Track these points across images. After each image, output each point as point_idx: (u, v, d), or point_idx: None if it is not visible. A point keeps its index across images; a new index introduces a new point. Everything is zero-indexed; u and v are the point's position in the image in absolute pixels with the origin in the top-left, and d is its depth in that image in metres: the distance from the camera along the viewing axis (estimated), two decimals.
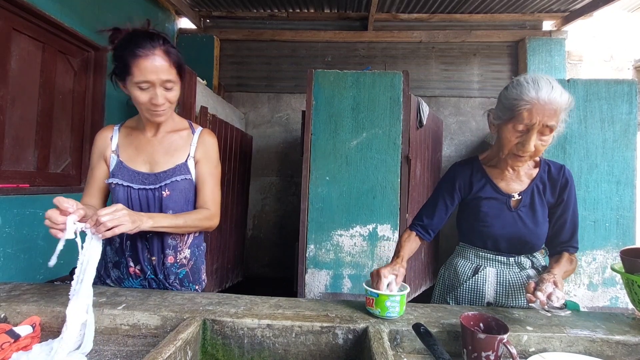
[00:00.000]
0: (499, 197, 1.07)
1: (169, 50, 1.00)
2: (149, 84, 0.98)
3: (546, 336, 0.83)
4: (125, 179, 1.08)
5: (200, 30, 4.14)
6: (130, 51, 0.95)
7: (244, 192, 3.74)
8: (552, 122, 0.91)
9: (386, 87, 2.42)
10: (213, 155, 1.16)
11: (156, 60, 0.97)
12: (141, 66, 0.95)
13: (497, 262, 1.10)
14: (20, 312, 0.88)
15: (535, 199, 1.06)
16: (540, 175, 1.07)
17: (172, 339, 0.72)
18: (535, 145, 0.94)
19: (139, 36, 0.98)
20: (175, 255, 1.13)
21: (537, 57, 3.81)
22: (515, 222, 1.05)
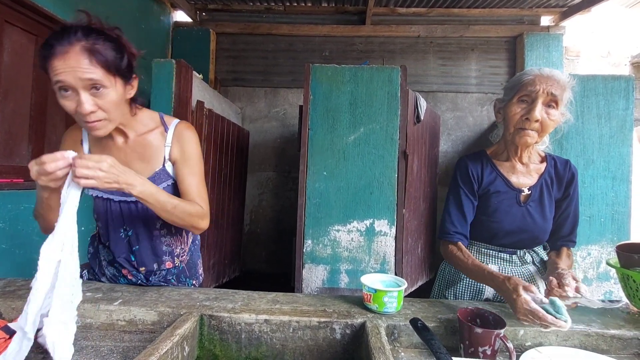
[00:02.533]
0: (509, 192, 1.06)
1: (93, 47, 0.80)
2: (68, 88, 0.80)
3: (542, 331, 0.84)
4: (104, 190, 0.98)
5: (196, 24, 4.09)
6: (44, 50, 0.80)
7: (241, 187, 3.72)
8: (556, 92, 0.93)
9: (384, 82, 2.41)
10: (192, 151, 1.03)
11: (71, 58, 0.78)
12: (55, 66, 0.78)
13: (499, 259, 1.10)
14: (15, 308, 0.87)
15: (544, 193, 1.05)
16: (548, 170, 1.07)
17: (169, 334, 0.71)
18: (542, 118, 0.94)
19: (55, 32, 0.81)
20: (174, 261, 1.10)
21: (535, 52, 3.80)
22: (524, 217, 1.04)
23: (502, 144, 1.09)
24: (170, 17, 3.98)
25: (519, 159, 1.08)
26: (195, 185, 1.02)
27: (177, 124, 1.04)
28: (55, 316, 0.68)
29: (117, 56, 0.84)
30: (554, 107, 0.96)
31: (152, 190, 0.87)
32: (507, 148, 1.07)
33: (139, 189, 0.84)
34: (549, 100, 0.95)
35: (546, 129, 0.97)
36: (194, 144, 1.04)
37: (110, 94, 0.84)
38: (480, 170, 1.09)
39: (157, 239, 1.06)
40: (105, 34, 0.84)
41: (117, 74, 0.85)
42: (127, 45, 0.89)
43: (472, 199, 1.08)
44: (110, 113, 0.85)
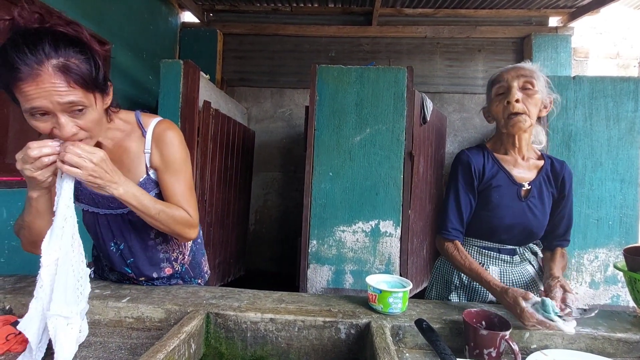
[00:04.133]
0: (511, 186, 1.05)
1: (67, 63, 0.68)
2: (42, 110, 0.69)
3: (548, 333, 0.84)
4: (90, 203, 0.92)
5: (204, 24, 4.12)
6: (7, 74, 0.66)
7: (246, 187, 3.74)
8: (529, 77, 0.99)
9: (390, 83, 2.41)
10: (174, 155, 0.92)
11: (45, 81, 0.66)
12: (24, 91, 0.67)
13: (500, 261, 1.09)
14: (25, 304, 0.88)
15: (543, 189, 1.06)
16: (545, 167, 1.08)
17: (176, 332, 0.72)
18: (522, 98, 0.98)
19: (15, 46, 0.66)
20: (173, 266, 1.06)
21: (543, 53, 3.77)
22: (524, 213, 1.04)
23: (499, 139, 1.10)
24: (178, 18, 4.02)
25: (519, 151, 1.07)
26: (181, 192, 0.93)
27: (156, 125, 0.92)
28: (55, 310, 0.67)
29: (92, 68, 0.73)
30: (530, 88, 0.99)
31: (136, 192, 0.82)
32: (504, 142, 1.08)
33: (122, 190, 0.79)
34: (523, 83, 1.00)
35: (532, 108, 0.99)
36: (175, 146, 0.92)
37: (90, 113, 0.75)
38: (482, 164, 1.07)
39: (153, 249, 1.01)
40: (72, 39, 0.72)
41: (95, 89, 0.75)
42: (94, 49, 0.76)
43: (471, 196, 1.07)
44: (92, 131, 0.77)
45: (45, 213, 0.79)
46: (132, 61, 3.09)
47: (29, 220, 0.82)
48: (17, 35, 0.68)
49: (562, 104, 2.35)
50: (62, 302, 0.68)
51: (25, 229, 0.85)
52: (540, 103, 1.01)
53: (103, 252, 1.01)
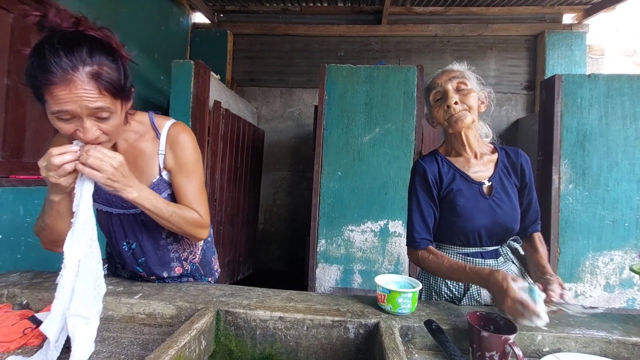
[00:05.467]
0: (472, 186, 1.03)
1: (100, 71, 0.70)
2: (70, 115, 0.71)
3: (561, 336, 0.82)
4: (104, 202, 0.95)
5: (214, 25, 4.16)
6: (40, 74, 0.67)
7: (256, 186, 3.77)
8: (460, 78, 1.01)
9: (400, 82, 2.39)
10: (187, 159, 0.94)
11: (78, 87, 0.68)
12: (55, 95, 0.68)
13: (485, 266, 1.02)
14: (42, 299, 0.91)
15: (504, 182, 1.04)
16: (501, 160, 1.07)
17: (187, 328, 0.73)
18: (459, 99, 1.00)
19: (52, 49, 0.67)
20: (183, 265, 1.07)
21: (557, 51, 3.70)
22: (493, 210, 1.01)
23: (449, 143, 1.11)
24: (189, 19, 4.06)
25: (470, 149, 1.06)
26: (193, 194, 0.95)
27: (170, 127, 0.94)
28: (76, 309, 0.69)
29: (121, 76, 0.75)
30: (465, 87, 1.01)
31: (149, 196, 0.84)
32: (454, 144, 1.08)
33: (136, 194, 0.81)
34: (457, 84, 1.01)
35: (471, 104, 1.00)
36: (189, 148, 0.95)
37: (115, 118, 0.76)
38: (438, 172, 1.06)
39: (164, 248, 1.02)
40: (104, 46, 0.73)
41: (122, 97, 0.77)
42: (123, 56, 0.77)
43: (432, 204, 1.06)
44: (112, 135, 0.79)
45: (66, 215, 0.80)
46: (144, 62, 3.13)
47: (51, 222, 0.84)
48: (54, 38, 0.69)
49: (576, 103, 2.30)
50: (82, 302, 0.70)
51: (47, 230, 0.86)
52: (477, 99, 1.04)
53: (115, 250, 1.03)
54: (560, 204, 2.30)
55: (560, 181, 2.30)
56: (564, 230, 2.29)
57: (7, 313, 0.81)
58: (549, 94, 2.37)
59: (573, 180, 2.29)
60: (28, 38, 2.11)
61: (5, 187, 1.91)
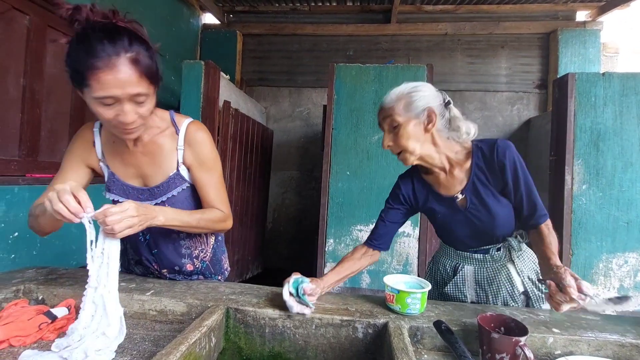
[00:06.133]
0: (444, 202, 1.03)
1: (138, 58, 0.77)
2: (114, 99, 0.77)
3: (573, 339, 0.81)
4: (120, 193, 0.97)
5: (224, 26, 4.19)
6: (86, 62, 0.73)
7: (264, 185, 3.79)
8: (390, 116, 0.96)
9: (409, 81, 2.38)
10: (206, 156, 0.99)
11: (121, 72, 0.74)
12: (101, 80, 0.74)
13: (474, 260, 1.07)
14: (57, 295, 0.93)
15: (480, 191, 0.98)
16: (475, 165, 0.99)
17: (198, 325, 0.74)
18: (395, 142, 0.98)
19: (96, 37, 0.73)
20: (194, 262, 1.09)
21: (570, 49, 3.63)
22: (470, 221, 1.01)
23: None
24: (199, 20, 4.10)
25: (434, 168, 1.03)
26: (214, 189, 1.01)
27: (188, 125, 0.99)
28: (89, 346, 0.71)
29: (154, 64, 0.81)
30: (396, 126, 0.96)
31: (174, 214, 0.90)
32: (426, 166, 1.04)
33: (163, 218, 0.86)
34: (389, 123, 0.98)
35: (407, 143, 0.96)
36: (208, 146, 0.99)
37: (149, 103, 0.83)
38: (412, 190, 1.08)
39: (177, 242, 1.05)
40: (138, 36, 0.79)
41: (155, 82, 0.83)
42: (152, 45, 0.83)
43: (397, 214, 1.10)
44: (145, 120, 0.86)
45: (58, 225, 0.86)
46: None
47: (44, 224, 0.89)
48: (96, 28, 0.74)
49: (590, 102, 2.26)
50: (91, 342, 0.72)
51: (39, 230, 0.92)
52: (414, 128, 0.95)
53: (131, 241, 1.05)
54: (573, 204, 2.26)
55: (574, 181, 2.26)
56: (576, 232, 2.25)
57: (24, 308, 0.83)
58: (562, 93, 2.33)
59: (587, 180, 2.25)
60: (43, 40, 2.15)
61: (21, 185, 1.96)
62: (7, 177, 1.93)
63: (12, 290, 0.91)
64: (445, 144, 0.99)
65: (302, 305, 0.83)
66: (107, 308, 0.76)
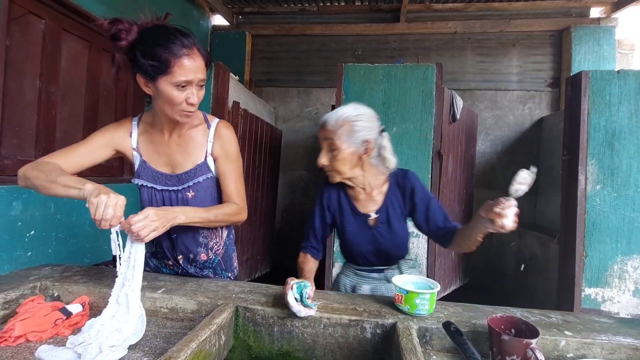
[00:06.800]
0: (358, 218, 1.15)
1: (202, 49, 0.95)
2: (188, 83, 0.93)
3: (586, 342, 0.80)
4: (149, 180, 1.07)
5: (233, 27, 4.22)
6: (171, 49, 0.89)
7: (273, 185, 3.80)
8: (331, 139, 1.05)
9: (418, 81, 2.36)
10: (232, 150, 1.11)
11: (196, 60, 0.92)
12: (184, 66, 0.90)
13: (371, 279, 1.20)
14: (71, 292, 0.95)
15: (390, 214, 1.13)
16: (390, 190, 1.15)
17: (208, 323, 0.75)
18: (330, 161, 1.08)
19: (175, 33, 0.91)
20: (208, 253, 1.15)
21: (584, 46, 3.56)
22: (375, 238, 1.14)
23: None
24: (209, 21, 4.14)
25: (356, 187, 1.14)
26: (234, 182, 1.11)
27: (218, 123, 1.12)
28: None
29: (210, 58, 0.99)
30: (335, 149, 1.05)
31: (193, 212, 0.98)
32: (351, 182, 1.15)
33: (184, 217, 0.95)
34: (328, 145, 1.06)
35: (340, 166, 1.07)
36: (233, 143, 1.12)
37: (203, 90, 1.00)
38: (337, 199, 1.18)
39: (195, 230, 1.11)
40: None
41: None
42: None
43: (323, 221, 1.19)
44: (197, 105, 1.00)
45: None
46: None
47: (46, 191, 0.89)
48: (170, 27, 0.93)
49: (605, 100, 2.21)
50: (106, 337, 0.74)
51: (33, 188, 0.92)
52: (351, 155, 1.05)
53: None
54: (586, 205, 2.21)
55: (587, 182, 2.22)
56: (590, 233, 2.20)
57: (40, 304, 0.85)
58: (575, 91, 2.29)
59: (601, 180, 2.21)
60: (58, 43, 2.20)
61: None
62: None
63: (29, 287, 0.93)
64: (371, 169, 1.13)
65: (307, 308, 0.83)
66: (130, 305, 0.79)
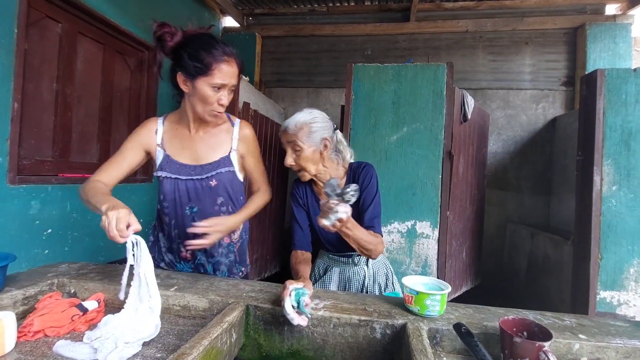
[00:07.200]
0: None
1: (238, 58, 1.10)
2: (222, 86, 1.07)
3: (600, 345, 0.78)
4: (173, 171, 1.15)
5: (244, 28, 4.26)
6: (213, 54, 1.04)
7: (282, 186, 3.82)
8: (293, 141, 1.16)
9: (429, 80, 2.35)
10: (255, 146, 1.28)
11: (233, 67, 1.07)
12: (223, 70, 1.05)
13: (340, 263, 1.33)
14: (87, 289, 0.98)
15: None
16: (347, 181, 1.26)
17: (219, 321, 0.76)
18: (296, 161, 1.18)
19: (219, 41, 1.07)
20: (230, 236, 1.25)
21: (599, 44, 3.48)
22: None
23: None
24: (220, 23, 4.19)
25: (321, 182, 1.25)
26: (260, 172, 1.30)
27: (241, 123, 1.27)
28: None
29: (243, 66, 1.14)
30: (298, 149, 1.16)
31: (243, 214, 1.20)
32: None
33: (239, 220, 1.18)
34: (292, 147, 1.17)
35: (306, 164, 1.18)
36: (254, 140, 1.28)
37: (232, 94, 1.13)
38: (305, 194, 1.29)
39: (218, 215, 1.19)
40: None
41: None
42: None
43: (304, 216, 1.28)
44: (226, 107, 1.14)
45: None
46: None
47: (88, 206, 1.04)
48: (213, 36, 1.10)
49: (621, 99, 2.16)
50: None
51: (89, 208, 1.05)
52: (313, 153, 1.18)
53: (177, 216, 1.19)
54: (602, 207, 2.16)
55: (603, 182, 2.17)
56: (606, 235, 2.15)
57: (58, 301, 0.88)
58: (590, 90, 2.24)
59: (617, 181, 2.16)
60: (74, 46, 2.26)
61: (54, 184, 2.07)
62: (41, 176, 2.04)
63: (47, 284, 0.96)
64: (332, 164, 1.25)
65: (302, 316, 0.82)
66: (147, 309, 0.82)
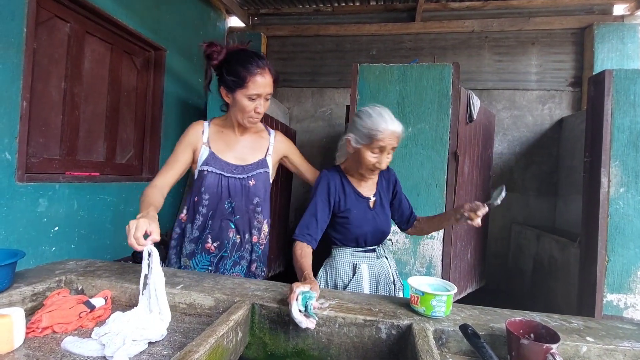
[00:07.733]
0: (362, 201, 1.32)
1: (272, 69, 1.20)
2: (258, 96, 1.18)
3: (608, 348, 0.78)
4: (217, 167, 1.26)
5: (249, 28, 4.27)
6: (248, 69, 1.15)
7: (287, 185, 3.83)
8: (396, 145, 1.22)
9: (434, 80, 2.34)
10: (294, 148, 1.45)
11: (266, 78, 1.18)
12: (257, 82, 1.16)
13: (367, 258, 1.33)
14: (94, 286, 0.99)
15: (382, 198, 1.36)
16: (380, 180, 1.38)
17: (225, 319, 0.77)
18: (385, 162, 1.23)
19: (253, 56, 1.18)
20: (259, 235, 1.35)
21: (607, 44, 3.45)
22: (375, 218, 1.31)
23: (353, 167, 1.31)
24: (225, 23, 4.20)
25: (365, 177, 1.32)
26: (305, 162, 1.48)
27: (276, 132, 1.41)
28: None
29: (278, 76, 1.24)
30: (392, 152, 1.24)
31: None
32: (354, 171, 1.31)
33: None
34: (390, 149, 1.22)
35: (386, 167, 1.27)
36: (292, 143, 1.45)
37: (269, 102, 1.24)
38: (341, 185, 1.31)
39: (252, 213, 1.31)
40: None
41: None
42: None
43: (326, 210, 1.28)
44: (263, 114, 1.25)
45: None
46: (183, 65, 3.28)
47: None
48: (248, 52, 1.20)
49: (629, 100, 2.14)
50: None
51: None
52: None
53: (216, 208, 1.27)
54: (609, 209, 2.14)
55: (610, 184, 2.15)
56: (613, 237, 2.13)
57: (65, 297, 0.89)
58: (598, 91, 2.22)
59: (624, 183, 2.13)
60: (82, 46, 2.28)
61: (62, 182, 2.09)
62: (49, 174, 2.06)
63: (55, 281, 0.97)
64: None
65: (309, 320, 0.82)
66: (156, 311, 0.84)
